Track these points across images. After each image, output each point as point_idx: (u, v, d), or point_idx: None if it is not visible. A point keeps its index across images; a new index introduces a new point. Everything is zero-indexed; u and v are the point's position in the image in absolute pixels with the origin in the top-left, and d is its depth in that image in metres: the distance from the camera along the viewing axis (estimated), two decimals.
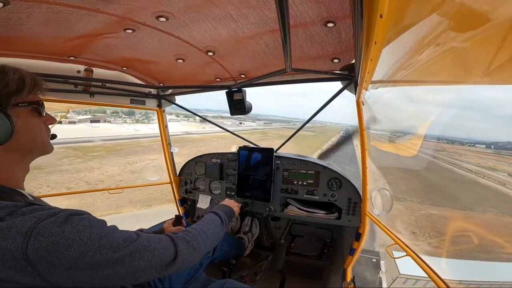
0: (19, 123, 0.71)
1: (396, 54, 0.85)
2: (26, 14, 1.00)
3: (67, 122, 45.99)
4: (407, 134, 33.01)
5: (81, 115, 54.77)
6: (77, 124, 48.54)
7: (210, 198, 2.46)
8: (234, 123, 78.59)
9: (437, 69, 0.69)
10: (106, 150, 25.48)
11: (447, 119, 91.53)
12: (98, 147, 26.76)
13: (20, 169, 0.76)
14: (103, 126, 48.65)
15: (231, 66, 1.72)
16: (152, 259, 0.72)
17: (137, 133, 39.87)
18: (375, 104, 1.63)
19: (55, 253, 0.56)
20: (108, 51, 1.50)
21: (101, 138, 31.85)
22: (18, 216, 0.58)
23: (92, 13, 1.03)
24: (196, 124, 62.43)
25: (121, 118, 65.76)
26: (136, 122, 64.08)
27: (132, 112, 78.98)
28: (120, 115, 68.12)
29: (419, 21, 0.55)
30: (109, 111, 79.21)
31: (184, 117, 77.38)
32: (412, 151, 22.35)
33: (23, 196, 0.71)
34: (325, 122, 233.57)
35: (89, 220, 0.64)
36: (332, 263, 2.23)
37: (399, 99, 1.70)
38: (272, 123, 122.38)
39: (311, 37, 1.23)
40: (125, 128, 47.92)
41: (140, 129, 46.11)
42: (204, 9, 1.03)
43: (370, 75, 1.07)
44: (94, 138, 31.25)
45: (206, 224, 1.04)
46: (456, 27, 0.44)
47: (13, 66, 0.73)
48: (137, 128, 47.88)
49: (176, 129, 50.68)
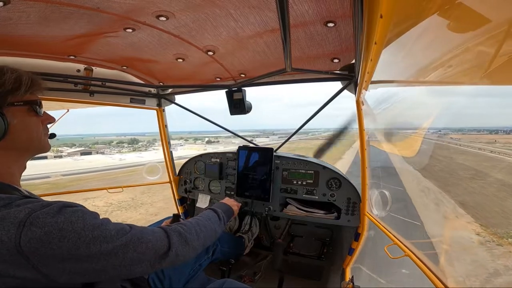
0: (14, 122, 0.72)
1: (396, 54, 0.85)
2: (26, 13, 1.00)
3: (53, 156, 45.16)
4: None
5: (74, 147, 55.11)
6: (63, 158, 48.87)
7: (210, 197, 2.46)
8: (242, 142, 79.52)
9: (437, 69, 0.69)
10: (51, 186, 22.49)
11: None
12: (45, 183, 24.32)
13: (16, 167, 0.77)
14: (91, 157, 49.08)
15: (231, 65, 1.72)
16: (145, 250, 0.72)
17: (119, 163, 40.15)
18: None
19: (48, 244, 0.56)
20: (108, 50, 1.50)
21: (62, 173, 30.55)
22: (13, 207, 0.59)
23: (92, 12, 1.03)
24: (200, 147, 61.25)
25: (123, 147, 66.77)
26: (132, 151, 64.58)
27: (136, 141, 78.14)
28: (123, 145, 69.25)
29: (419, 22, 0.55)
30: (116, 142, 78.71)
31: (192, 141, 77.16)
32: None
33: (19, 191, 0.72)
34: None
35: (82, 211, 0.65)
36: (331, 263, 2.23)
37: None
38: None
39: (311, 37, 1.24)
40: (111, 159, 48.74)
41: (126, 158, 46.66)
42: (205, 8, 1.03)
43: (370, 75, 1.07)
44: (54, 173, 29.82)
45: (202, 219, 1.03)
46: (457, 27, 0.44)
47: (12, 67, 0.73)
48: (123, 157, 48.47)
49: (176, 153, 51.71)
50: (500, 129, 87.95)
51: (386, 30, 0.62)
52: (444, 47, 0.56)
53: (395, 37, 0.68)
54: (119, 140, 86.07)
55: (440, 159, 22.55)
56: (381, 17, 0.55)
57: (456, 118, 38.46)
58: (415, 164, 14.39)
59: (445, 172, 18.48)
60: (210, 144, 78.93)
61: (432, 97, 1.03)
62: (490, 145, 37.27)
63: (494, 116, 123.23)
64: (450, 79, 0.67)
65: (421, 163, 14.70)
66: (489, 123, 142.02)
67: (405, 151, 5.79)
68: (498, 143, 41.64)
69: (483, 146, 35.43)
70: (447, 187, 14.43)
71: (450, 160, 24.56)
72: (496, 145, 39.22)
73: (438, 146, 31.37)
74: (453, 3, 0.42)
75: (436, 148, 28.24)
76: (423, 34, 0.59)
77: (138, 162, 40.59)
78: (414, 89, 1.11)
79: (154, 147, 67.21)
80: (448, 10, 0.44)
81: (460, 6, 0.41)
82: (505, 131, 72.74)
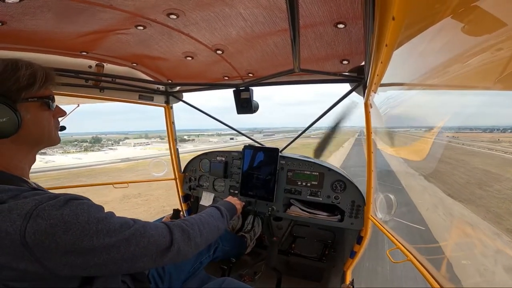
0: (27, 117, 0.73)
1: (407, 57, 0.84)
2: (40, 9, 1.03)
3: None
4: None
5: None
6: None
7: (213, 195, 2.47)
8: (222, 140, 75.54)
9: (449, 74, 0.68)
10: None
11: None
12: None
13: (27, 160, 0.78)
14: (48, 158, 46.77)
15: (239, 64, 1.72)
16: (147, 245, 0.72)
17: (44, 166, 36.09)
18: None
19: (52, 236, 0.57)
20: (119, 47, 1.53)
21: None
22: (20, 198, 0.60)
23: (105, 9, 1.05)
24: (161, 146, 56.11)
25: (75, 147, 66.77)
26: (83, 151, 62.83)
27: (98, 140, 78.21)
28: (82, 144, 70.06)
29: (432, 24, 0.54)
30: (78, 141, 77.99)
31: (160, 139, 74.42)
32: None
33: (28, 184, 0.74)
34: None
35: (87, 205, 0.66)
36: (332, 265, 2.21)
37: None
38: (275, 134, 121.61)
39: (321, 37, 1.23)
40: (67, 158, 47.31)
41: (56, 160, 43.56)
42: (215, 7, 1.04)
43: (379, 78, 1.06)
44: None
45: (206, 216, 1.02)
46: (471, 30, 0.43)
47: (27, 60, 0.74)
48: (53, 159, 45.23)
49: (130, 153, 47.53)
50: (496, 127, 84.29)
51: (398, 32, 0.61)
52: (457, 50, 0.55)
53: (407, 39, 0.67)
54: (82, 139, 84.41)
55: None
56: (393, 19, 0.54)
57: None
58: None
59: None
60: (184, 142, 77.69)
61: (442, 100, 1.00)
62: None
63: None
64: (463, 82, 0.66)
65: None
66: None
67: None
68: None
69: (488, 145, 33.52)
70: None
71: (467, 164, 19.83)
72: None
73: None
74: (467, 6, 0.41)
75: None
76: (436, 36, 0.58)
77: (66, 165, 36.53)
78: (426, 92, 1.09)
79: (111, 147, 63.36)
80: (462, 13, 0.43)
81: (475, 9, 0.40)
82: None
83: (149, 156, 39.48)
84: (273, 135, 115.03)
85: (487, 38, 0.42)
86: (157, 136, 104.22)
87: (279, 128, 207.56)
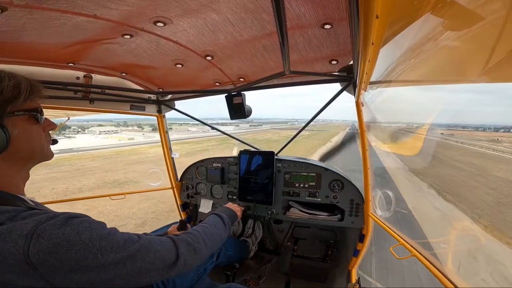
0: (15, 132, 0.70)
1: (393, 54, 0.85)
2: (23, 20, 1.01)
3: None
4: None
5: None
6: None
7: (212, 202, 2.45)
8: (201, 129, 73.71)
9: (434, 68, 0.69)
10: None
11: None
12: None
13: (20, 176, 0.75)
14: None
15: (230, 70, 1.72)
16: (153, 260, 0.71)
17: None
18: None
19: (56, 255, 0.56)
20: (107, 57, 1.51)
21: None
22: (18, 220, 0.58)
23: (89, 19, 1.04)
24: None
25: None
26: None
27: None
28: None
29: (414, 21, 0.55)
30: None
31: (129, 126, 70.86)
32: None
33: (24, 202, 0.71)
34: (329, 120, 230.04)
35: (89, 222, 0.64)
36: (336, 265, 2.21)
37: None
38: (262, 125, 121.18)
39: (309, 39, 1.24)
40: None
41: None
42: (202, 14, 1.04)
43: (368, 76, 1.07)
44: None
45: (209, 226, 1.03)
46: (451, 25, 0.44)
47: (9, 72, 0.70)
48: None
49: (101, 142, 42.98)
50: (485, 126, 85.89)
51: (383, 30, 0.61)
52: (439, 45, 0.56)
53: (392, 37, 0.68)
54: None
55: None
56: (377, 18, 0.55)
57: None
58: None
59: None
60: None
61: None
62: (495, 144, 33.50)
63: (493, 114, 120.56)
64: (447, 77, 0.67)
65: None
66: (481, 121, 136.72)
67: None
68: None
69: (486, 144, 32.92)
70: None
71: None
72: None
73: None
74: (445, 2, 0.42)
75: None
76: (419, 33, 0.59)
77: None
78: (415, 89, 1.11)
79: (68, 136, 56.46)
80: (441, 9, 0.43)
81: (453, 5, 0.41)
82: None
83: (102, 147, 37.06)
84: (261, 126, 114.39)
85: (466, 32, 0.43)
86: (135, 124, 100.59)
87: (269, 119, 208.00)
